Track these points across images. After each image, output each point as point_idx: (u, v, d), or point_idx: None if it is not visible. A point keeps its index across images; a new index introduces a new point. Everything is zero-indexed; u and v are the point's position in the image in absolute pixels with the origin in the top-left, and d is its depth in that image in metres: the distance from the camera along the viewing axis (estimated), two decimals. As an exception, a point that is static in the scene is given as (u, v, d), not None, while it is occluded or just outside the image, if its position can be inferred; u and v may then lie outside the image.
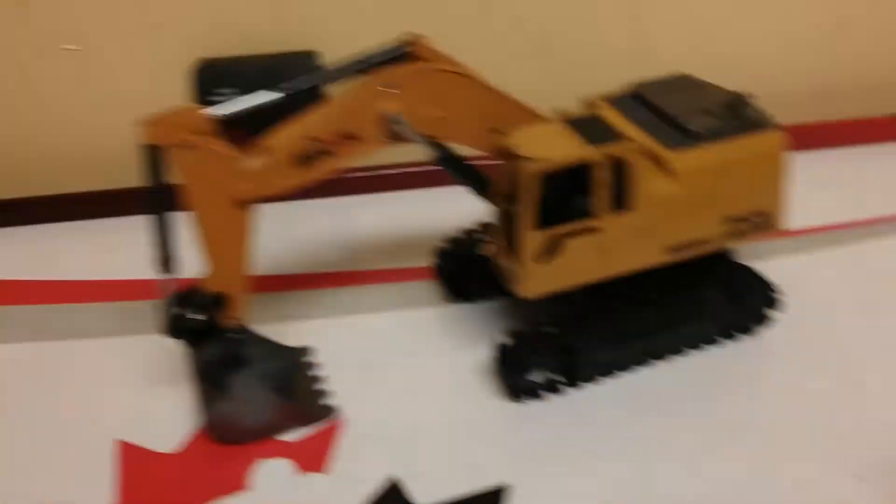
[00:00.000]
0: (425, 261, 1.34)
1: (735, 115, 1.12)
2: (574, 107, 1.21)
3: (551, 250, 1.05)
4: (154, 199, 0.99)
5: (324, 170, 1.04)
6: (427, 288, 1.33)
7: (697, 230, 1.11)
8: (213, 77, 1.42)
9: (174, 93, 1.47)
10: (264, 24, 1.46)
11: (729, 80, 1.24)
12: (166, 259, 1.02)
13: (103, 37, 1.44)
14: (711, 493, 1.00)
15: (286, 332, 1.21)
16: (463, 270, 1.28)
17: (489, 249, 1.16)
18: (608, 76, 1.43)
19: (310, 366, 1.18)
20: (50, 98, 1.47)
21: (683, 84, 1.20)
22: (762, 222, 1.14)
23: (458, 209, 1.33)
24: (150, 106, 1.44)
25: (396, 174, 1.55)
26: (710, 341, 1.20)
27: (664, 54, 1.54)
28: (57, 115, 1.49)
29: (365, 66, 1.04)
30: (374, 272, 1.38)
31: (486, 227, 1.28)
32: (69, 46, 1.42)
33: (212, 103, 1.39)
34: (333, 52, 1.45)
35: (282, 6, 1.45)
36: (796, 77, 1.62)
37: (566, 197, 1.04)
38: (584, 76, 1.50)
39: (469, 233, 1.29)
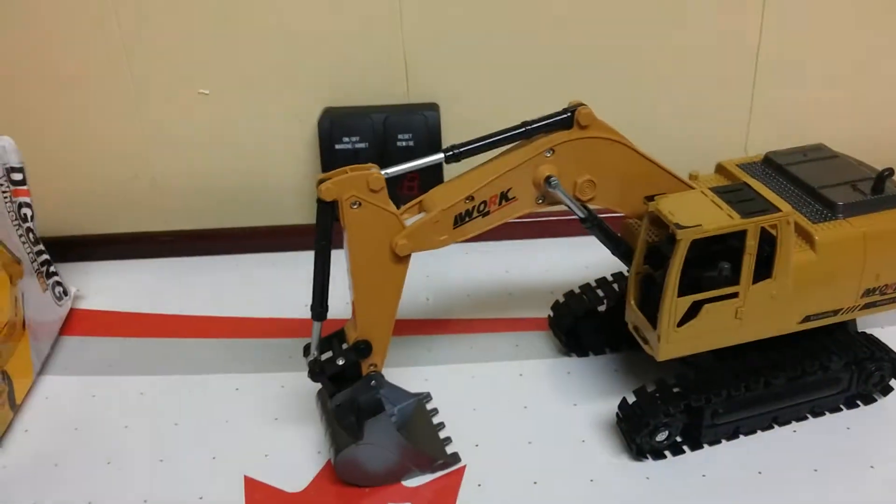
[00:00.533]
0: (542, 312, 1.35)
1: (874, 188, 1.12)
2: (706, 171, 1.23)
3: (691, 316, 1.06)
4: (320, 250, 1.02)
5: (476, 229, 1.07)
6: (543, 339, 1.34)
7: (833, 301, 1.12)
8: (339, 126, 1.48)
9: (303, 139, 1.53)
10: (388, 78, 1.50)
11: (853, 149, 1.25)
12: (321, 305, 1.05)
13: (239, 85, 1.50)
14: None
15: (405, 377, 1.23)
16: (579, 325, 1.29)
17: (626, 314, 1.16)
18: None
19: (431, 412, 1.20)
20: (186, 139, 1.54)
21: (818, 154, 1.21)
22: (896, 295, 1.15)
23: (576, 260, 1.35)
24: (282, 151, 1.53)
25: (518, 223, 1.57)
26: (834, 409, 1.20)
27: (786, 124, 1.56)
28: (193, 155, 1.56)
29: (528, 131, 1.06)
30: (491, 321, 1.39)
31: (602, 285, 1.30)
32: (203, 91, 1.48)
33: (336, 150, 1.46)
34: (451, 103, 1.51)
35: (405, 61, 1.49)
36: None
37: (711, 263, 1.04)
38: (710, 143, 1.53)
39: (586, 290, 1.30)
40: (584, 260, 1.48)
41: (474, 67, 1.50)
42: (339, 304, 1.10)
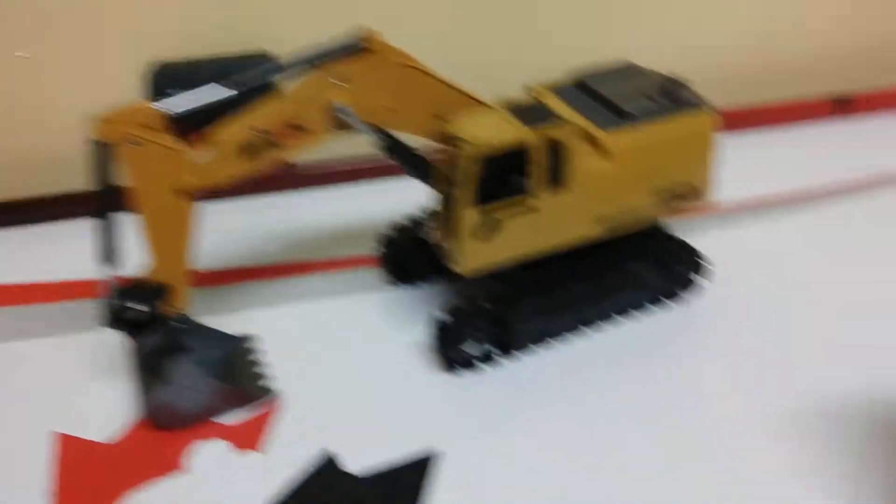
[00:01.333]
0: (372, 249, 1.34)
1: (669, 97, 1.15)
2: (519, 94, 1.22)
3: (489, 229, 1.07)
4: (100, 195, 0.98)
5: (270, 161, 1.04)
6: (373, 274, 1.33)
7: (629, 204, 1.15)
8: (168, 80, 1.37)
9: (130, 96, 1.42)
10: (219, 27, 1.43)
11: (674, 67, 1.26)
12: (109, 254, 1.01)
13: (60, 42, 1.39)
14: (642, 451, 1.05)
15: (236, 322, 1.21)
16: (407, 255, 1.29)
17: (432, 233, 1.17)
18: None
19: (251, 352, 1.18)
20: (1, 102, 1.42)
21: (625, 71, 1.23)
22: (691, 195, 1.18)
23: (405, 199, 1.33)
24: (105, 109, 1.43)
25: (344, 168, 1.55)
26: (640, 308, 1.25)
27: (608, 44, 1.56)
28: (8, 118, 1.44)
29: (316, 60, 1.03)
30: (320, 262, 1.37)
31: (429, 213, 1.29)
32: (21, 54, 1.37)
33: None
34: (287, 52, 1.44)
35: (236, 8, 1.42)
36: (734, 65, 1.67)
37: (504, 177, 1.05)
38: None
39: (413, 219, 1.30)
40: (421, 196, 1.47)
41: (307, 14, 1.44)
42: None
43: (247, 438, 1.07)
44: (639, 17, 1.58)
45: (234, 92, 1.03)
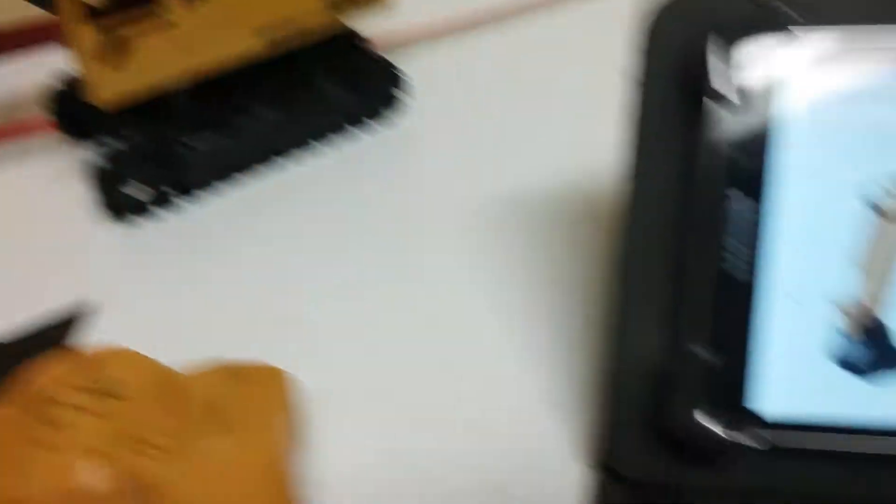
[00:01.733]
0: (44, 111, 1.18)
1: None
2: None
3: (118, 50, 0.95)
4: None
5: None
6: (48, 138, 1.17)
7: (289, 10, 1.04)
8: None
9: None
10: None
11: None
12: None
13: None
14: (348, 281, 0.98)
15: None
16: (81, 108, 1.14)
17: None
18: None
19: None
20: None
21: None
22: (362, -5, 1.08)
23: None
24: None
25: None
26: (339, 131, 1.15)
27: None
28: None
29: None
30: None
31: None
32: None
33: None
34: None
35: None
36: None
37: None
38: None
39: None
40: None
41: None
42: None
43: None
44: None
45: None
